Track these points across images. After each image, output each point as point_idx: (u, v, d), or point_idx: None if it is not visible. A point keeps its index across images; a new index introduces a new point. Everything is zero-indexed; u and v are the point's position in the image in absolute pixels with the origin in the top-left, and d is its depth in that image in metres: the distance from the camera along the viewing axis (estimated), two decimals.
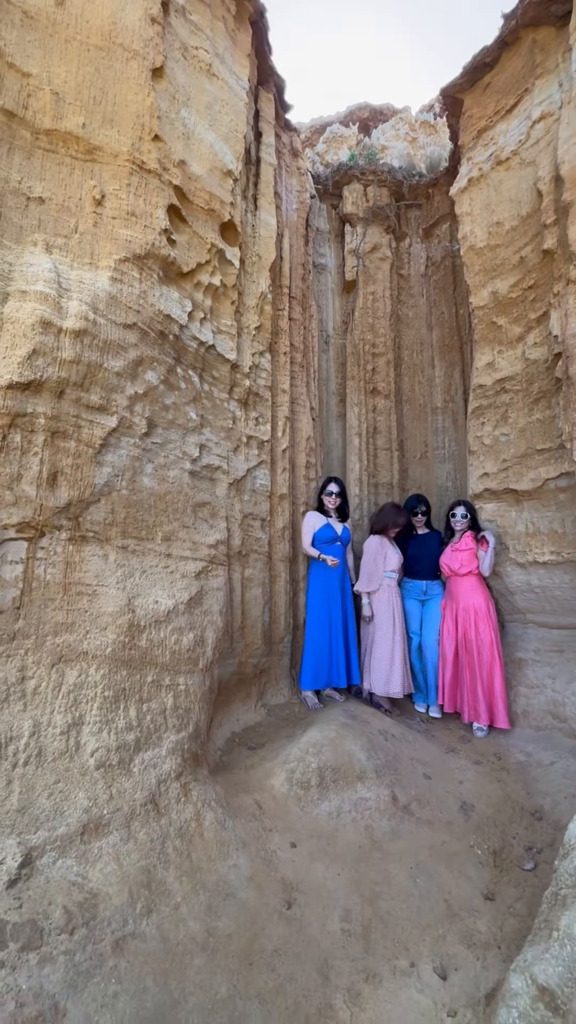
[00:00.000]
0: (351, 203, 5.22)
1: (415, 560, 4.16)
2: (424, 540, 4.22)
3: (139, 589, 2.62)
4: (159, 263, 2.84)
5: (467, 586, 3.84)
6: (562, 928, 1.46)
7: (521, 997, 1.41)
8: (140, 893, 1.87)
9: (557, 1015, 1.34)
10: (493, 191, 4.06)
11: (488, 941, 1.92)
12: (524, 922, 1.96)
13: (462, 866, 2.33)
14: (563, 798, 2.67)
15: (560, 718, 3.35)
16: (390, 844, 2.43)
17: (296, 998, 1.68)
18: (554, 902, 1.69)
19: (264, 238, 3.89)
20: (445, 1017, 1.64)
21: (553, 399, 3.56)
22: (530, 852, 2.39)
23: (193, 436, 3.11)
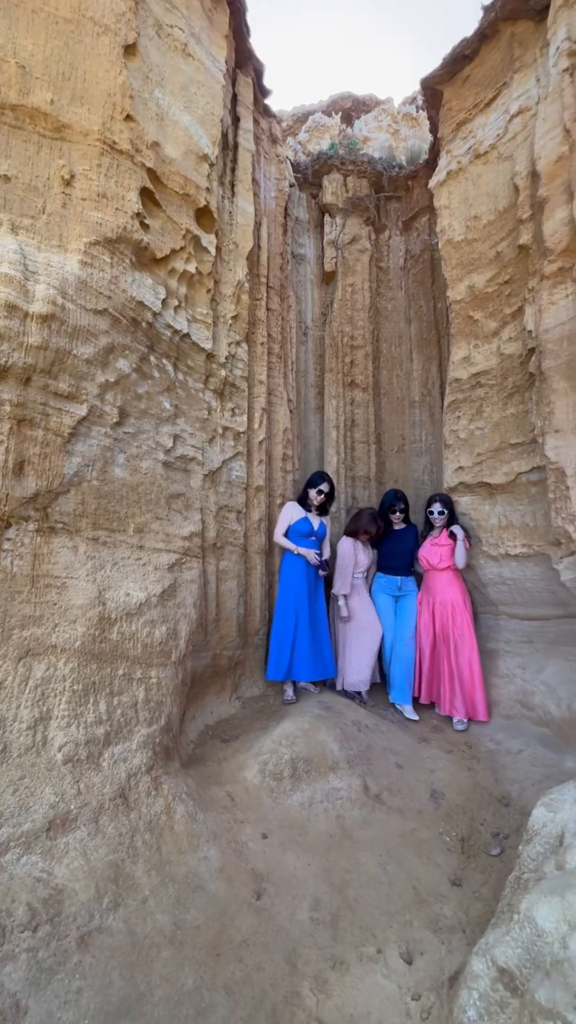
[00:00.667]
0: (331, 193, 5.18)
1: (390, 555, 4.13)
2: (401, 535, 4.20)
3: (110, 581, 2.58)
4: (131, 248, 2.77)
5: (444, 580, 3.87)
6: (522, 911, 1.49)
7: (482, 979, 1.44)
8: (107, 888, 1.86)
9: (515, 995, 1.37)
10: (471, 185, 4.07)
11: (454, 926, 1.96)
12: (489, 906, 2.01)
13: (431, 853, 2.37)
14: (530, 784, 2.73)
15: (529, 707, 3.43)
16: (361, 833, 2.46)
17: (263, 987, 1.69)
18: (517, 886, 1.73)
19: (241, 226, 3.82)
20: (409, 1001, 1.67)
21: (526, 394, 3.60)
22: (497, 838, 2.45)
23: (167, 426, 3.06)
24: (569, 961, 1.29)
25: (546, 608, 3.59)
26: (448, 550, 3.88)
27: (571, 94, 3.25)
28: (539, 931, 1.40)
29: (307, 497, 3.96)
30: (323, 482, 3.99)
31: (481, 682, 3.63)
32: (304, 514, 3.92)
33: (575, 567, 3.14)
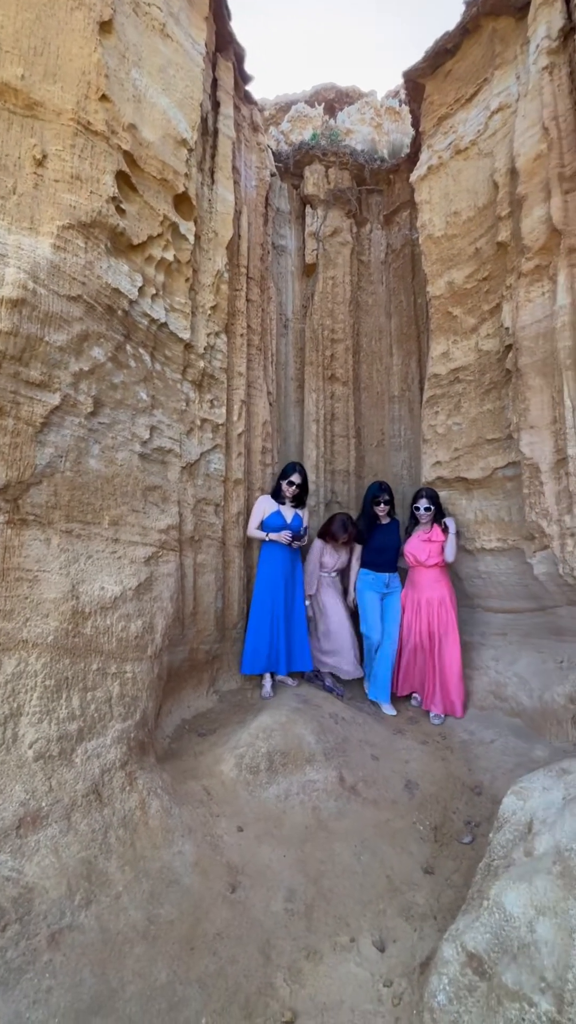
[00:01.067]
0: (312, 184, 5.13)
1: (378, 551, 4.03)
2: (387, 530, 4.09)
3: (84, 575, 2.53)
4: (107, 233, 2.70)
5: (432, 576, 3.82)
6: (492, 897, 1.52)
7: (451, 964, 1.47)
8: (79, 885, 1.83)
9: (483, 979, 1.40)
10: (452, 180, 4.08)
11: (425, 913, 1.99)
12: (460, 893, 2.05)
13: (404, 842, 2.41)
14: (501, 773, 2.79)
15: (501, 698, 3.50)
16: (336, 824, 2.48)
17: (237, 979, 1.69)
18: (487, 873, 1.77)
19: (221, 214, 3.76)
20: (381, 988, 1.70)
21: (503, 390, 3.65)
22: (469, 826, 2.50)
23: (143, 417, 3.01)
24: (535, 944, 1.32)
25: (520, 601, 3.66)
26: (438, 546, 3.81)
27: (550, 92, 3.27)
28: (507, 916, 1.43)
29: (280, 490, 3.90)
30: (294, 473, 3.91)
31: (461, 681, 3.65)
32: (277, 507, 3.87)
33: (547, 561, 3.21)
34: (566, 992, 1.21)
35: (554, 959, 1.27)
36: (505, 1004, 1.28)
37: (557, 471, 3.10)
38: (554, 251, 3.20)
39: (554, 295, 3.15)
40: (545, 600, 3.42)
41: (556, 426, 3.10)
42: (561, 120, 3.22)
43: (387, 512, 4.09)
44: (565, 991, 1.21)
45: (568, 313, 3.06)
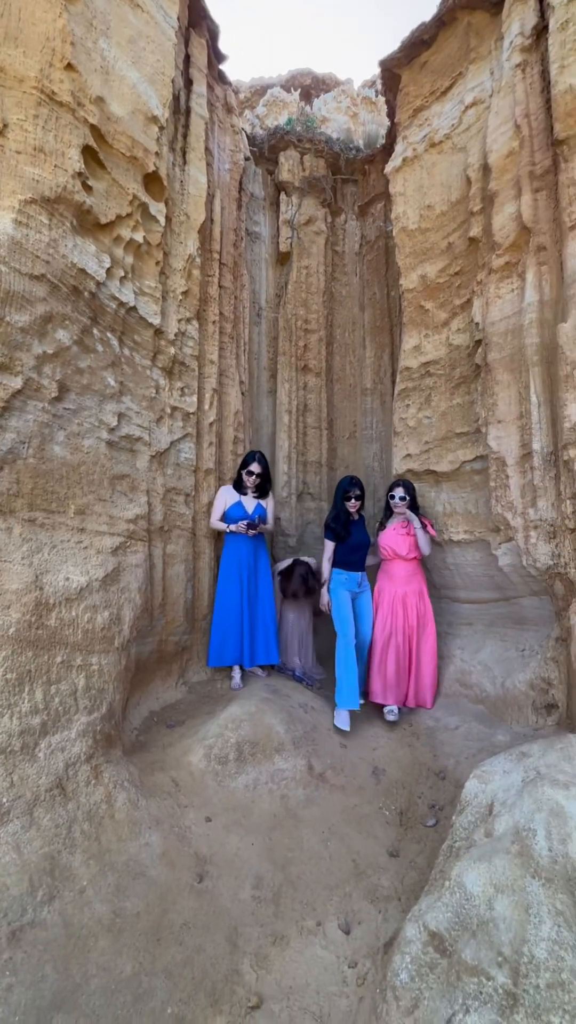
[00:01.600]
0: (287, 170, 5.07)
1: (355, 549, 3.76)
2: (359, 526, 3.86)
3: (48, 565, 2.45)
4: (72, 210, 2.59)
5: (410, 569, 3.74)
6: (453, 877, 1.57)
7: (414, 944, 1.51)
8: (42, 880, 1.79)
9: (444, 956, 1.44)
10: (426, 174, 4.09)
11: (390, 895, 2.04)
12: (423, 874, 2.10)
13: (370, 827, 2.45)
14: (465, 758, 2.88)
15: (466, 685, 3.60)
16: (304, 811, 2.51)
17: (204, 968, 1.70)
18: (449, 854, 1.82)
19: (193, 196, 3.67)
20: (346, 969, 1.73)
21: (472, 384, 3.71)
22: (433, 810, 2.57)
23: (111, 404, 2.92)
24: (494, 921, 1.37)
25: (485, 592, 3.76)
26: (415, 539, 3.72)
27: (522, 90, 3.31)
28: (468, 895, 1.48)
29: (242, 480, 3.79)
30: (253, 462, 3.77)
31: (436, 672, 3.64)
32: (238, 498, 3.76)
33: (512, 553, 3.29)
34: (521, 965, 1.26)
35: (511, 935, 1.32)
36: (464, 979, 1.32)
37: (522, 465, 3.18)
38: (524, 248, 3.25)
39: (523, 292, 3.21)
40: (509, 591, 3.52)
41: (522, 421, 3.17)
42: (532, 118, 3.27)
43: (359, 508, 3.84)
44: (520, 964, 1.26)
45: (535, 310, 3.12)
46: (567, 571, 2.89)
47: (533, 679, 3.10)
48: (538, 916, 1.32)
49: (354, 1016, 1.56)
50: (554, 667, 3.00)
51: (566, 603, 2.94)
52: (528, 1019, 1.18)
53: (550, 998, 1.18)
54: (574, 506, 2.79)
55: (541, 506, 3.04)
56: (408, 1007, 1.39)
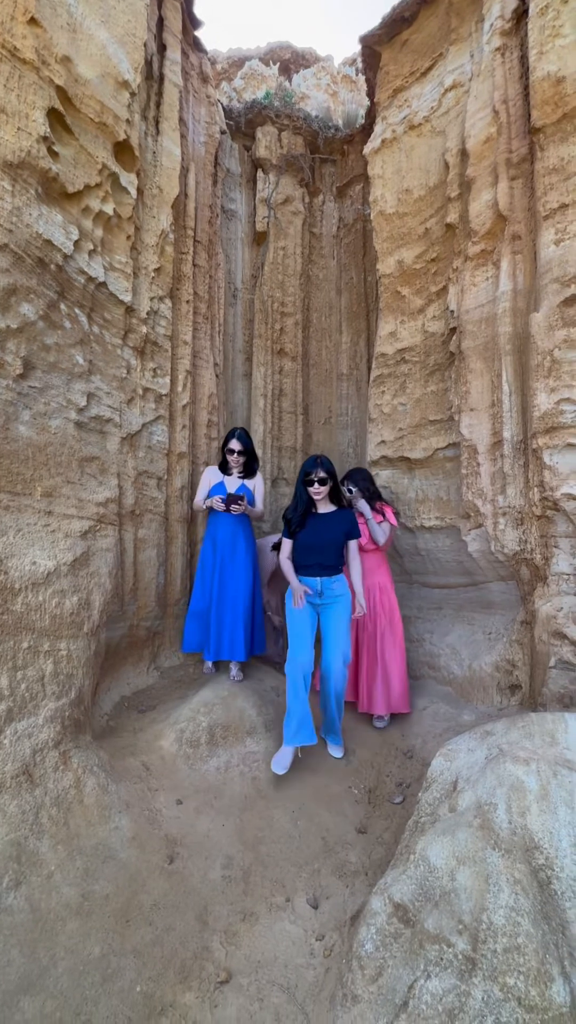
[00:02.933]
0: (264, 146, 4.94)
1: (311, 550, 2.93)
2: (325, 521, 2.98)
3: (13, 549, 2.38)
4: (37, 176, 2.47)
5: (373, 562, 3.50)
6: (418, 851, 1.62)
7: (379, 915, 1.56)
8: (8, 867, 1.77)
9: (408, 926, 1.49)
10: (404, 156, 4.05)
11: (357, 870, 2.09)
12: (390, 850, 2.17)
13: (340, 806, 2.51)
14: (431, 738, 2.96)
15: (435, 668, 3.69)
16: (275, 792, 2.54)
17: (173, 947, 1.71)
18: (414, 829, 1.87)
19: (167, 169, 3.54)
20: (314, 942, 1.77)
21: (447, 372, 3.74)
22: (400, 788, 2.64)
23: (80, 383, 2.83)
24: (455, 891, 1.42)
25: (455, 577, 3.84)
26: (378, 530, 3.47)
27: (502, 75, 3.29)
28: (431, 868, 1.52)
29: (226, 460, 3.58)
30: (232, 438, 3.50)
31: (406, 674, 3.36)
32: (222, 478, 3.56)
33: (481, 539, 3.37)
34: (480, 932, 1.31)
35: (471, 903, 1.37)
36: (426, 947, 1.37)
37: (493, 453, 3.24)
38: (499, 237, 3.27)
39: (497, 281, 3.24)
40: (477, 576, 3.60)
41: (494, 409, 3.22)
42: (511, 104, 3.26)
43: (326, 494, 2.99)
44: (479, 931, 1.32)
45: (509, 299, 3.15)
46: (533, 557, 2.97)
47: (498, 661, 3.20)
48: (497, 885, 1.37)
49: (321, 986, 1.60)
50: (519, 649, 3.10)
51: (531, 588, 3.03)
52: (486, 982, 1.24)
53: (507, 961, 1.24)
54: (541, 494, 2.86)
55: (510, 493, 3.11)
56: (373, 975, 1.43)
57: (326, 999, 1.54)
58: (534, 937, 1.27)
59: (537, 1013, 1.17)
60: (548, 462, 2.79)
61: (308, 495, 2.97)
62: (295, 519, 2.96)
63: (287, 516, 3.01)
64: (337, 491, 3.08)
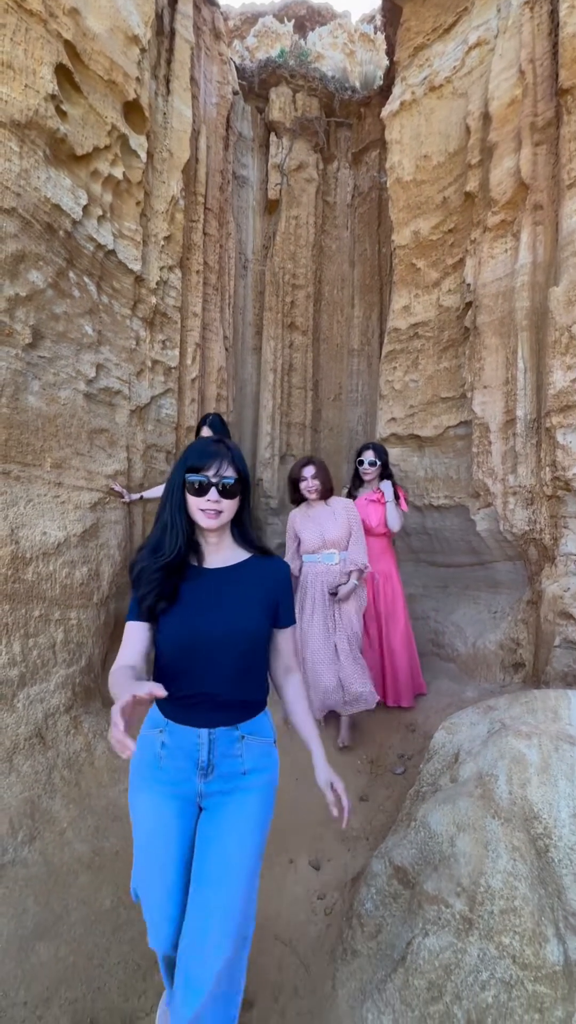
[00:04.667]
0: (278, 109, 4.76)
1: (185, 657, 1.30)
2: (230, 580, 1.35)
3: (24, 519, 2.41)
4: (45, 137, 2.40)
5: (380, 547, 3.20)
6: (419, 818, 1.66)
7: (379, 877, 1.61)
8: (22, 823, 1.84)
9: (407, 888, 1.54)
10: (424, 120, 3.89)
11: (358, 835, 2.16)
12: (391, 817, 2.22)
13: (343, 774, 2.55)
14: (434, 713, 3.00)
15: (439, 645, 3.73)
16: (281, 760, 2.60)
17: None
18: (415, 798, 1.92)
19: (177, 131, 3.43)
20: (316, 901, 1.84)
21: (460, 348, 3.67)
22: (402, 759, 2.69)
23: (89, 354, 2.81)
24: (455, 856, 1.46)
25: (462, 556, 3.84)
26: None
27: (529, 31, 3.13)
28: (432, 833, 1.57)
29: None
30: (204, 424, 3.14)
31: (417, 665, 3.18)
32: None
33: (490, 518, 3.35)
34: (478, 894, 1.35)
35: (470, 867, 1.41)
36: (425, 907, 1.42)
37: (505, 431, 3.19)
38: (520, 206, 3.15)
39: (516, 253, 3.14)
40: (485, 555, 3.60)
41: (508, 387, 3.16)
42: (538, 64, 3.11)
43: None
44: (477, 893, 1.36)
45: (528, 273, 3.06)
46: (542, 537, 2.96)
47: (503, 639, 3.22)
48: (496, 851, 1.41)
49: (322, 941, 1.67)
50: (523, 628, 3.11)
51: (539, 568, 3.03)
52: (482, 940, 1.28)
53: (503, 922, 1.28)
54: (553, 473, 2.83)
55: (521, 472, 3.08)
56: (372, 932, 1.49)
57: (326, 953, 1.60)
58: (530, 900, 1.31)
59: (531, 970, 1.21)
60: (561, 441, 2.75)
61: (189, 527, 1.26)
62: (159, 580, 1.22)
63: (139, 570, 1.24)
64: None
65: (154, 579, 1.17)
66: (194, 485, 1.19)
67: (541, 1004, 1.18)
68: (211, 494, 1.19)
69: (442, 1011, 1.23)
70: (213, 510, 1.19)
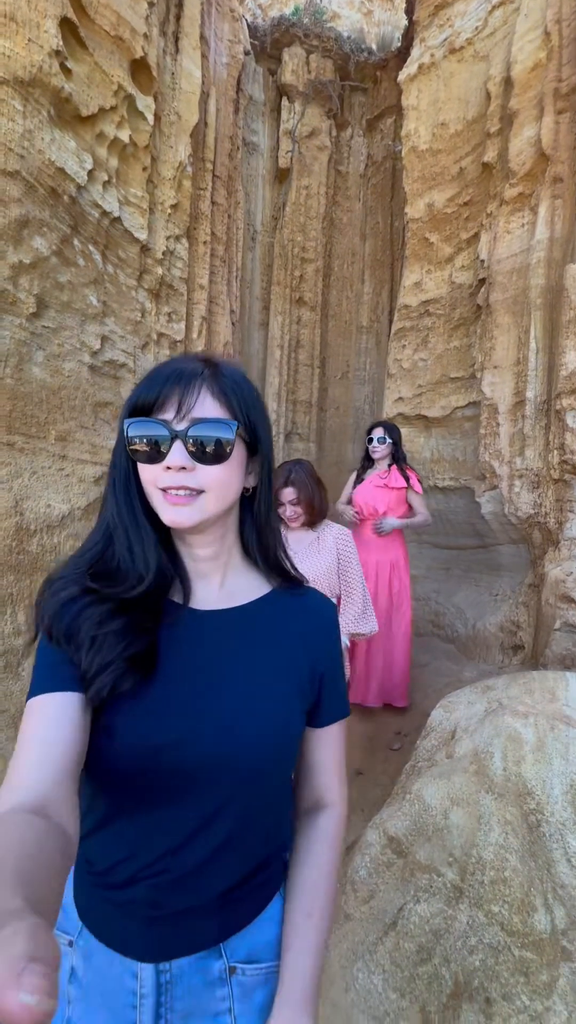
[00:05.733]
0: (291, 71, 4.58)
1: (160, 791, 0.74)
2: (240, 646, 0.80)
3: (29, 491, 2.41)
4: (49, 96, 2.32)
5: (391, 534, 2.97)
6: (414, 791, 1.69)
7: (374, 846, 1.65)
8: None
9: (400, 857, 1.58)
10: (442, 85, 3.74)
11: (354, 807, 2.21)
12: (386, 790, 2.27)
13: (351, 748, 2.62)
14: (432, 692, 3.04)
15: (439, 626, 3.75)
16: None
17: None
18: (411, 772, 1.95)
19: (186, 93, 3.31)
20: None
21: (472, 327, 3.59)
22: (399, 736, 2.74)
23: (93, 325, 2.77)
24: (448, 828, 1.50)
25: (466, 538, 3.84)
26: (398, 496, 2.90)
27: None
28: (426, 806, 1.60)
29: None
30: None
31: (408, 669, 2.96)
32: None
33: (495, 501, 3.33)
34: (469, 865, 1.39)
35: (463, 840, 1.44)
36: (417, 875, 1.46)
37: (514, 413, 3.15)
38: (539, 179, 3.05)
39: (533, 228, 3.05)
40: (488, 538, 3.59)
41: (519, 367, 3.11)
42: (565, 25, 2.96)
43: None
44: (469, 864, 1.39)
45: (544, 249, 2.98)
46: (547, 521, 2.94)
47: (503, 622, 3.24)
48: (488, 825, 1.44)
49: None
50: (524, 611, 3.12)
51: (542, 551, 3.02)
52: (472, 908, 1.32)
53: (493, 891, 1.32)
54: (561, 457, 2.80)
55: (528, 455, 3.05)
56: (365, 897, 1.54)
57: None
58: (520, 872, 1.34)
59: (518, 937, 1.25)
60: (571, 424, 2.71)
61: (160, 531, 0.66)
62: (121, 631, 0.59)
63: (67, 607, 0.60)
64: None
65: (110, 631, 0.57)
66: (141, 441, 0.59)
67: (527, 968, 1.22)
68: (174, 454, 0.58)
69: (431, 972, 1.27)
70: (181, 488, 0.59)
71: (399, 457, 2.99)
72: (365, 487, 2.97)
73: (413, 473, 2.99)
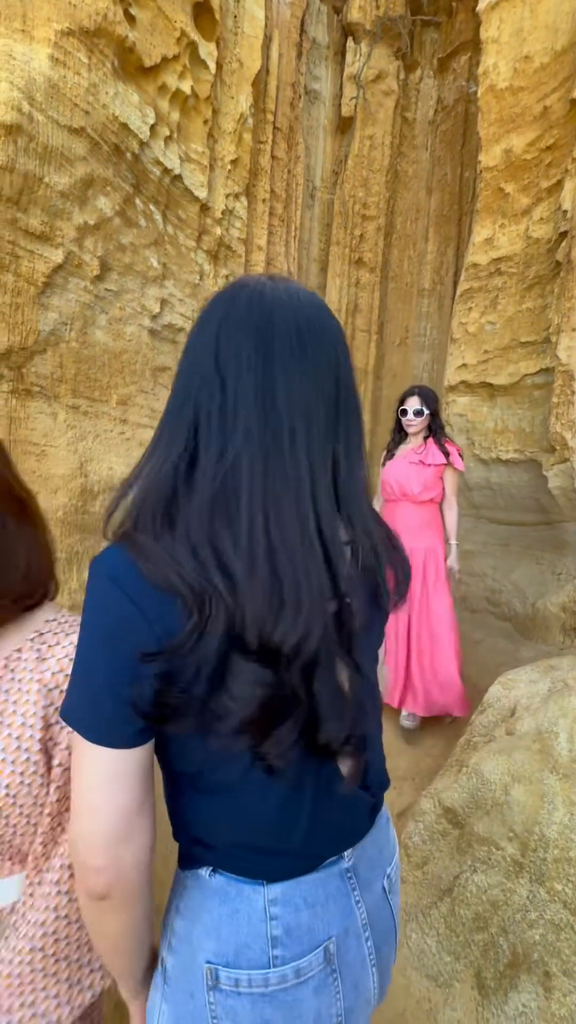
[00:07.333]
0: (358, 7, 4.26)
1: None
2: None
3: (92, 453, 2.48)
4: (113, 46, 2.26)
5: (422, 518, 2.58)
6: (471, 765, 1.67)
7: (428, 815, 1.65)
8: None
9: (456, 827, 1.57)
10: (528, 12, 3.36)
11: (405, 776, 2.22)
12: (437, 762, 2.26)
13: (392, 723, 2.62)
14: (486, 669, 2.97)
15: (495, 603, 3.64)
16: None
17: None
18: (467, 747, 1.92)
19: (249, 37, 3.15)
20: None
21: (548, 287, 3.32)
22: None
23: (154, 288, 2.76)
24: (508, 804, 1.47)
25: (528, 514, 3.66)
26: (434, 474, 2.55)
27: None
28: (484, 781, 1.57)
29: None
30: None
31: (458, 663, 2.55)
32: None
33: (564, 475, 3.14)
34: (531, 841, 1.36)
35: (524, 816, 1.41)
36: (475, 847, 1.44)
37: None
38: None
39: None
40: (554, 514, 3.41)
41: None
42: None
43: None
44: (530, 840, 1.36)
45: None
46: None
47: (566, 602, 3.09)
48: (552, 804, 1.40)
49: None
50: None
51: None
52: (532, 884, 1.30)
53: (556, 870, 1.29)
54: None
55: None
56: (419, 862, 1.55)
57: None
58: None
59: None
60: None
61: None
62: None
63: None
64: None
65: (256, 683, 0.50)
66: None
67: None
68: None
69: (487, 940, 1.27)
70: None
71: (436, 428, 2.62)
72: (396, 464, 2.63)
73: (454, 447, 2.60)
